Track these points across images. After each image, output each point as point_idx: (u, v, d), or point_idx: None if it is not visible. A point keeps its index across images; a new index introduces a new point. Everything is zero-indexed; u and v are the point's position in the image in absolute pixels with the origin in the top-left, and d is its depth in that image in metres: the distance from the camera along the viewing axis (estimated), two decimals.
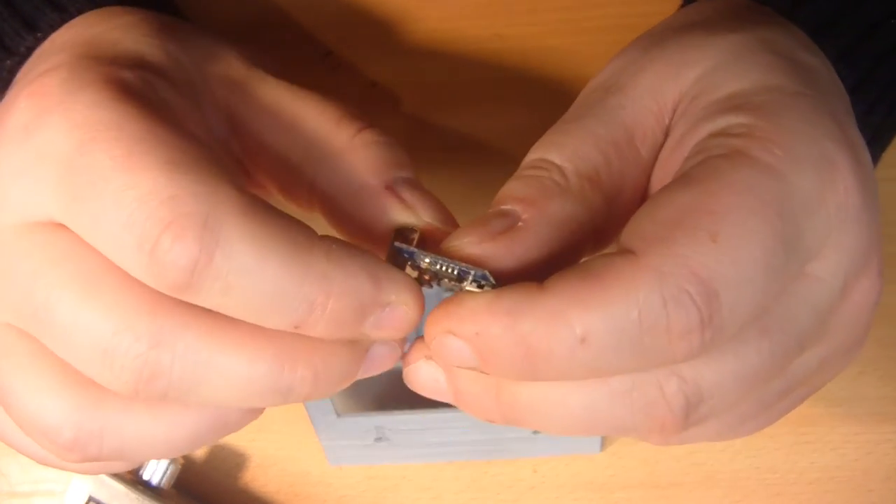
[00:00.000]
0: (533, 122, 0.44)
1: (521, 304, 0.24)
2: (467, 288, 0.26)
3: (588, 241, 0.28)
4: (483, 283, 0.25)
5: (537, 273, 0.26)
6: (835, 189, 0.25)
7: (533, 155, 0.29)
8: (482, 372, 0.25)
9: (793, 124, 0.26)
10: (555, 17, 0.45)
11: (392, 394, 0.44)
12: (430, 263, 0.26)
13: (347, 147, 0.29)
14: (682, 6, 0.36)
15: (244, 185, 0.26)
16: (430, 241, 0.28)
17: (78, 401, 0.26)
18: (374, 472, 0.44)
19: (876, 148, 0.34)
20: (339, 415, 0.39)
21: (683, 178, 0.25)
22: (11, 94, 0.27)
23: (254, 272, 0.23)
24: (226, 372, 0.24)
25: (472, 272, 0.25)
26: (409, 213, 0.28)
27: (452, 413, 0.39)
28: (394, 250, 0.27)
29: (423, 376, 0.27)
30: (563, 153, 0.28)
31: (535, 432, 0.41)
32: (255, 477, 0.44)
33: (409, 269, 0.27)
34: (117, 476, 0.40)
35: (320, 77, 0.45)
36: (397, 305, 0.25)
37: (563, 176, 0.27)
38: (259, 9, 0.45)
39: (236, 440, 0.45)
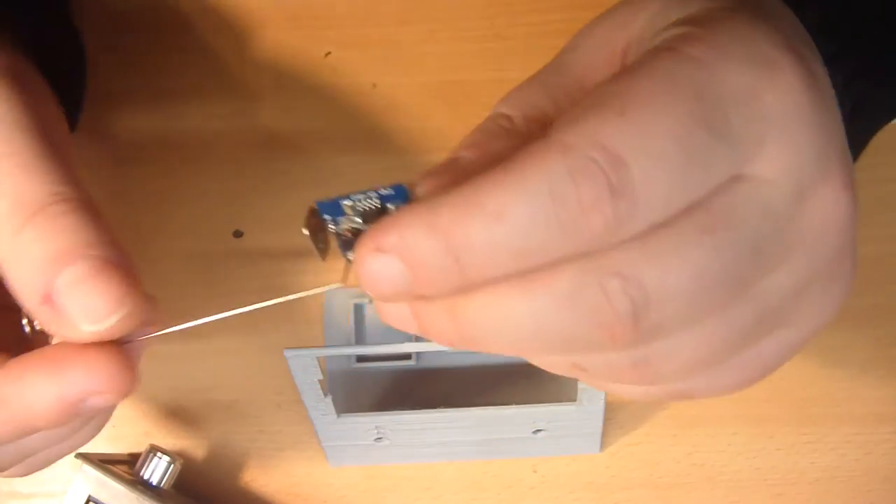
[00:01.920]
0: None
1: (439, 200, 0.24)
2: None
3: None
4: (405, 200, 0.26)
5: None
6: (774, 86, 0.25)
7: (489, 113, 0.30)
8: (418, 295, 0.25)
9: (731, 28, 0.26)
10: (555, 17, 0.45)
11: (392, 394, 0.44)
12: (351, 206, 0.26)
13: (11, 253, 0.28)
14: None
15: None
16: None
17: None
18: (374, 472, 0.44)
19: (863, 119, 0.34)
20: (338, 415, 0.39)
21: (611, 75, 0.25)
22: None
23: None
24: None
25: (392, 190, 0.26)
26: (66, 325, 0.27)
27: (452, 413, 0.39)
28: (312, 214, 0.27)
29: (390, 309, 0.27)
30: (513, 104, 0.29)
31: (536, 432, 0.41)
32: (256, 477, 0.45)
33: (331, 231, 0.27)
34: (117, 476, 0.40)
35: (320, 77, 0.45)
36: None
37: (510, 121, 0.29)
38: (259, 9, 0.45)
39: (237, 440, 0.45)
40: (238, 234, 0.45)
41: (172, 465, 0.41)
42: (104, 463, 0.40)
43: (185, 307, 0.43)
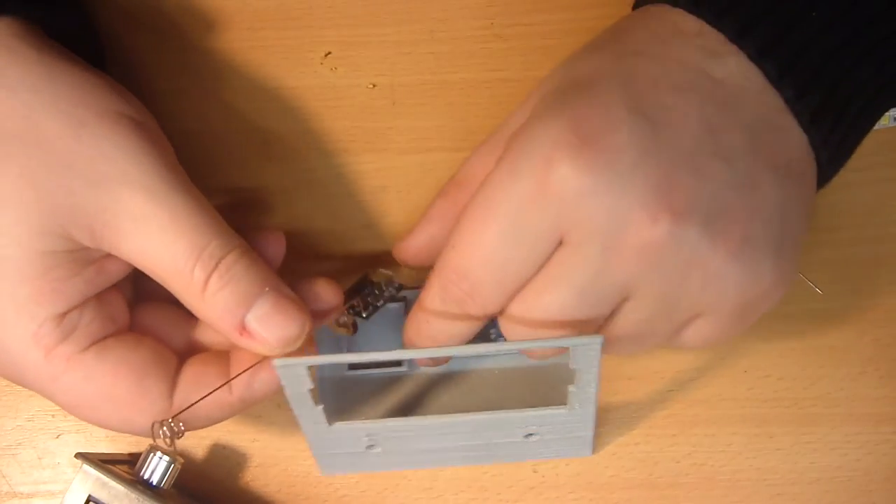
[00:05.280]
0: None
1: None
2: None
3: None
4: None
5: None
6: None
7: None
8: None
9: (521, 137, 0.35)
10: (555, 17, 0.45)
11: (384, 400, 0.44)
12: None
13: (201, 299, 0.34)
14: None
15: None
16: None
17: None
18: (374, 472, 0.44)
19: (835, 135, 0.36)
20: (330, 424, 0.38)
21: None
22: None
23: None
24: None
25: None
26: (264, 349, 0.35)
27: (443, 419, 0.39)
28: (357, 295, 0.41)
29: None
30: None
31: (527, 436, 0.41)
32: (256, 477, 0.45)
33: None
34: (117, 476, 0.40)
35: (320, 77, 0.45)
36: None
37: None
38: (259, 9, 0.45)
39: (237, 440, 0.45)
40: None
41: (172, 465, 0.41)
42: (104, 463, 0.40)
43: None
